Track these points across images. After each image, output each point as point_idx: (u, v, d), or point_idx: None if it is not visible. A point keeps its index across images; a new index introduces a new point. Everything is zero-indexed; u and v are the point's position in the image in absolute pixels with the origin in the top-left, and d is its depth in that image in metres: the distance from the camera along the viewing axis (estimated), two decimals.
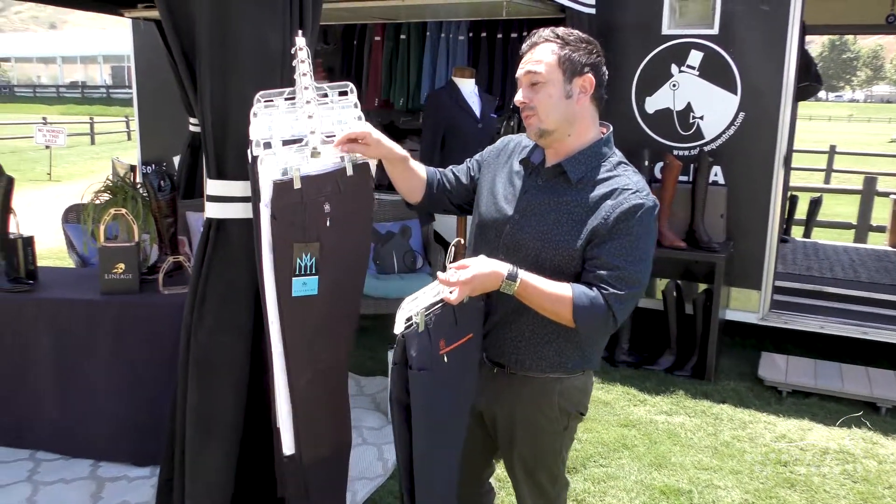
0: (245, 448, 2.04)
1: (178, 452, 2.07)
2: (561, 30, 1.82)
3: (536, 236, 1.81)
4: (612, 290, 1.72)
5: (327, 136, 1.89)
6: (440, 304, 1.72)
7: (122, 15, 5.05)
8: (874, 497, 3.21)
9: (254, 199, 1.85)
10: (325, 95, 1.99)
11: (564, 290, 1.73)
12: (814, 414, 4.01)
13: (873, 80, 74.58)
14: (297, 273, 1.82)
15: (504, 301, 1.85)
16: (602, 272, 1.73)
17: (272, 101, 1.93)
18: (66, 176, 14.28)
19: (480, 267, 1.72)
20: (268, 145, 1.86)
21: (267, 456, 2.04)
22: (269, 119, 1.88)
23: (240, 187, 1.96)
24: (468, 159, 2.13)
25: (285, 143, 1.89)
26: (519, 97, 1.83)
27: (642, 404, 4.10)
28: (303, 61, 1.91)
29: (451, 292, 1.68)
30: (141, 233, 3.58)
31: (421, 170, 2.06)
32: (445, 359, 1.74)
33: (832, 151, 13.76)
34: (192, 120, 5.51)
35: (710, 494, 3.19)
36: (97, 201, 3.70)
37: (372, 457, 3.43)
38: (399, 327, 1.69)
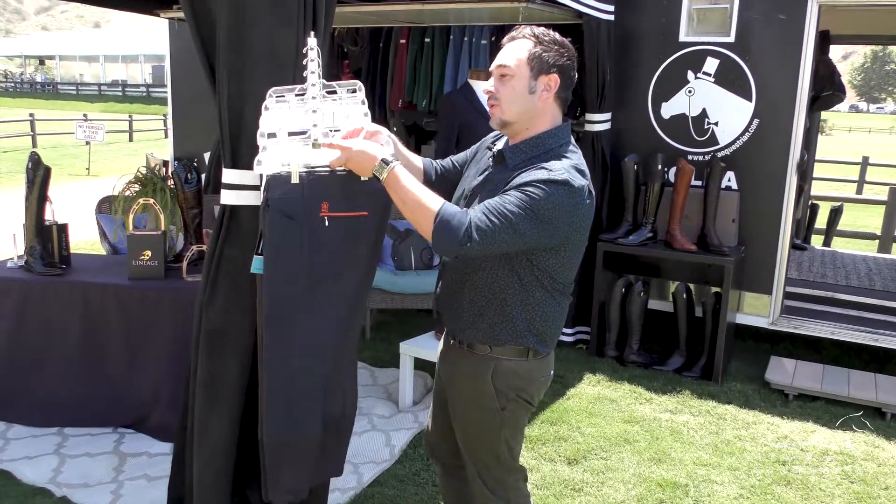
0: (248, 418, 2.19)
1: (190, 422, 2.22)
2: (539, 29, 1.95)
3: None
4: (480, 215, 1.78)
5: (333, 130, 2.03)
6: (326, 169, 1.84)
7: (158, 15, 5.26)
8: (869, 497, 3.26)
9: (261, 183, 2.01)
10: (335, 92, 2.14)
11: (434, 201, 1.81)
12: (818, 417, 4.06)
13: None
14: (259, 252, 1.95)
15: (449, 273, 2.01)
16: (481, 204, 1.83)
17: (283, 96, 2.08)
18: (103, 171, 14.70)
19: (365, 145, 1.84)
20: (272, 136, 2.01)
21: None
22: (278, 113, 2.03)
23: (251, 176, 2.11)
24: (470, 148, 2.27)
25: (290, 135, 2.04)
26: (486, 86, 1.97)
27: (648, 402, 4.19)
28: (312, 60, 2.06)
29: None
30: (168, 222, 3.77)
31: (416, 161, 2.21)
32: (326, 222, 1.85)
33: (864, 162, 13.62)
34: None
35: (707, 489, 3.27)
36: (128, 192, 3.90)
37: (380, 442, 3.56)
38: (267, 170, 1.82)
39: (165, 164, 6.44)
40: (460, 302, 2.01)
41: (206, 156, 6.13)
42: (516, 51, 1.93)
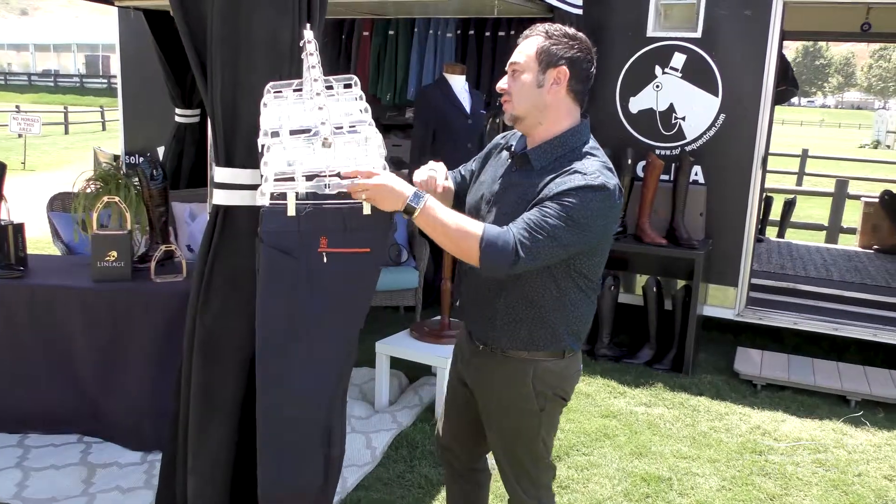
0: (247, 427, 2.10)
1: (182, 433, 2.12)
2: (553, 26, 1.92)
3: (499, 220, 1.89)
4: (523, 232, 1.76)
5: (335, 128, 1.95)
6: (327, 200, 1.75)
7: (112, 3, 5.04)
8: (844, 484, 3.35)
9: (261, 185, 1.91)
10: (331, 87, 2.06)
11: (475, 226, 1.79)
12: (787, 406, 4.15)
13: (844, 87, 75.95)
14: None
15: (479, 281, 1.96)
16: (519, 219, 1.79)
17: (281, 91, 1.98)
18: (40, 165, 14.11)
19: (391, 180, 1.76)
20: (276, 135, 1.92)
21: None
22: (278, 109, 1.94)
23: (247, 175, 2.01)
24: (478, 155, 2.21)
25: (292, 132, 1.95)
26: (499, 84, 1.95)
27: (622, 396, 4.21)
28: (311, 53, 1.97)
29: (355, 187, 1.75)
30: (133, 221, 3.61)
31: (451, 182, 2.15)
32: (325, 258, 1.76)
33: (804, 155, 14.04)
34: (178, 111, 5.52)
35: (689, 481, 3.30)
36: (88, 189, 3.71)
37: (360, 444, 3.48)
38: (264, 200, 1.71)
39: (116, 158, 6.20)
40: (493, 309, 1.97)
41: (160, 150, 5.94)
42: (527, 47, 1.91)
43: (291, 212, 1.72)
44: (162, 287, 3.38)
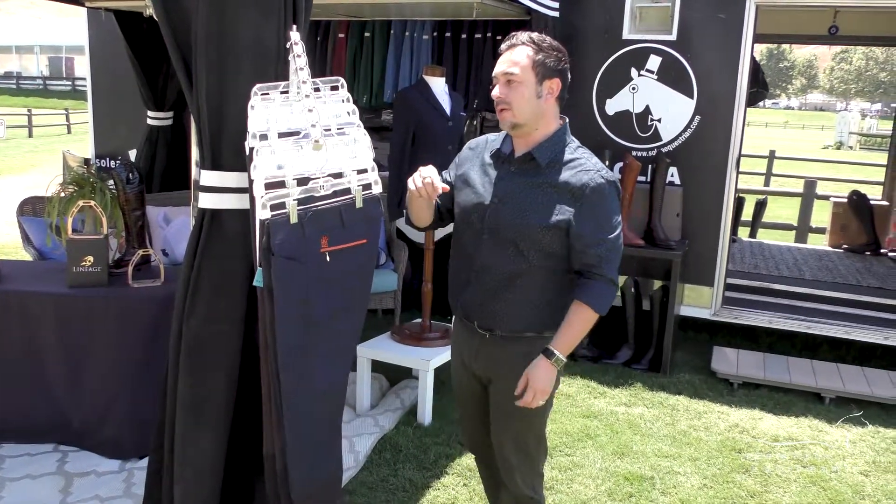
0: (236, 434, 2.07)
1: (168, 440, 2.08)
2: (536, 36, 2.07)
3: (515, 217, 2.05)
4: (602, 265, 2.03)
5: (324, 130, 1.93)
6: (325, 202, 1.79)
7: (82, 4, 4.95)
8: (822, 480, 3.40)
9: (251, 189, 1.89)
10: (318, 90, 2.04)
11: (579, 310, 2.05)
12: (763, 404, 4.21)
13: (807, 89, 77.31)
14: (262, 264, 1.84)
15: (491, 274, 2.08)
16: (589, 259, 2.04)
17: (268, 94, 1.96)
18: (5, 169, 13.81)
19: (530, 374, 2.06)
20: (264, 137, 1.90)
21: (257, 442, 2.07)
22: (266, 112, 1.92)
23: (235, 178, 1.98)
24: (445, 171, 2.28)
25: (281, 135, 1.93)
26: (496, 93, 2.06)
27: (602, 396, 4.24)
28: (299, 55, 1.95)
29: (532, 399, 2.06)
30: (108, 226, 3.54)
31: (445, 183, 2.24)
32: (328, 257, 1.80)
33: (772, 156, 14.26)
34: (150, 114, 5.45)
35: (671, 480, 3.33)
36: (62, 194, 3.63)
37: (343, 449, 3.44)
38: (265, 214, 1.74)
39: (86, 162, 6.09)
40: (506, 301, 2.10)
41: (132, 153, 5.85)
42: (519, 57, 2.03)
43: (294, 219, 1.73)
44: (140, 292, 3.33)
